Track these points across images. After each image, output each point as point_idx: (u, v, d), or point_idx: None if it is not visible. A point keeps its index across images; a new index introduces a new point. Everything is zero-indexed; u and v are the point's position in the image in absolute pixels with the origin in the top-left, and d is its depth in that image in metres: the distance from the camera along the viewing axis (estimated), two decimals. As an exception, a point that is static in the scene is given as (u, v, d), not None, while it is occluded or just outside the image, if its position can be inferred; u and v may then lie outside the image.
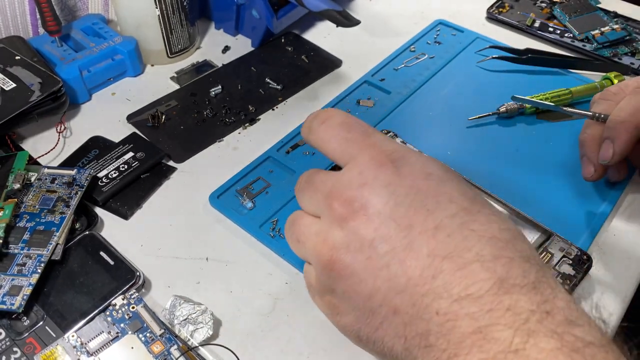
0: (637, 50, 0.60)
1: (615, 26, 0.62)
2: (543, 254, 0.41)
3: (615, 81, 0.53)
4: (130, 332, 0.37)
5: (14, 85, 0.50)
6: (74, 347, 0.36)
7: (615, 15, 0.64)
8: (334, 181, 0.30)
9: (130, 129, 0.53)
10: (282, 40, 0.63)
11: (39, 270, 0.39)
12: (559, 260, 0.41)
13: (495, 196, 0.44)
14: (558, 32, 0.63)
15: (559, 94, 0.53)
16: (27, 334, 0.37)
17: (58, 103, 0.51)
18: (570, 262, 0.40)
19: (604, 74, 0.55)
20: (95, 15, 0.61)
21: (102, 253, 0.41)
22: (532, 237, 0.42)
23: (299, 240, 0.31)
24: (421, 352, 0.26)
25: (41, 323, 0.38)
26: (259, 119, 0.54)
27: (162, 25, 0.57)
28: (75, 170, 0.45)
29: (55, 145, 0.51)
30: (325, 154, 0.32)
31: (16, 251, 0.40)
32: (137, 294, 0.38)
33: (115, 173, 0.47)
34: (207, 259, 0.43)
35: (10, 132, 0.50)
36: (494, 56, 0.59)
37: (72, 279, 0.40)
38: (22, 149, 0.50)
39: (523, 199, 0.45)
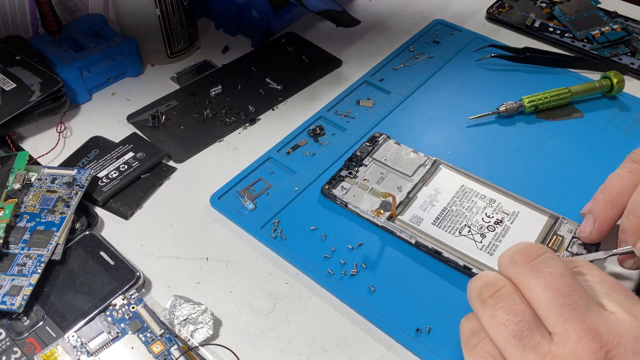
0: (637, 50, 0.60)
1: (615, 26, 0.62)
2: (554, 238, 0.41)
3: (615, 80, 0.54)
4: (130, 332, 0.37)
5: (14, 85, 0.50)
6: (74, 347, 0.36)
7: (616, 15, 0.64)
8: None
9: (130, 129, 0.53)
10: (282, 40, 0.63)
11: (39, 270, 0.39)
12: (570, 242, 0.41)
13: (501, 188, 0.45)
14: (558, 32, 0.63)
15: (558, 93, 0.53)
16: (27, 334, 0.37)
17: (58, 103, 0.51)
18: (581, 242, 0.41)
19: (603, 73, 0.55)
20: (95, 15, 0.61)
21: (102, 253, 0.41)
22: (542, 222, 0.43)
23: None
24: None
25: (41, 323, 0.38)
26: (259, 119, 0.54)
27: (162, 25, 0.57)
28: (76, 170, 0.45)
29: (56, 145, 0.51)
30: (532, 300, 0.29)
31: (16, 251, 0.40)
32: (137, 294, 0.38)
33: (115, 173, 0.47)
34: (207, 259, 0.43)
35: (10, 132, 0.50)
36: (492, 55, 0.59)
37: (72, 279, 0.40)
38: (22, 149, 0.50)
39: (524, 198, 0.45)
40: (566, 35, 0.62)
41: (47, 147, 0.51)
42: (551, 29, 0.63)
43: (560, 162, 0.49)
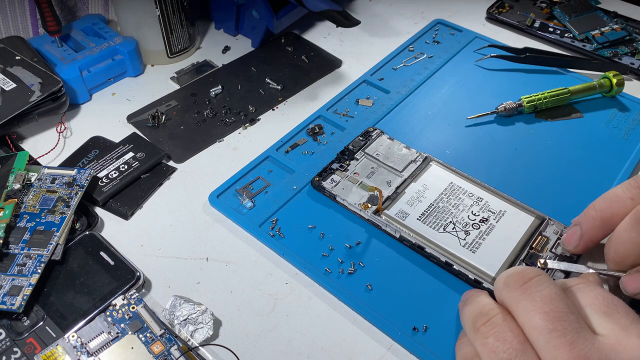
0: (637, 50, 0.60)
1: (615, 26, 0.62)
2: (539, 238, 0.41)
3: (614, 80, 0.54)
4: (130, 332, 0.37)
5: (14, 85, 0.50)
6: (74, 347, 0.36)
7: (615, 15, 0.64)
8: None
9: (130, 129, 0.53)
10: (282, 40, 0.63)
11: (39, 271, 0.39)
12: (554, 243, 0.41)
13: (490, 187, 0.45)
14: (558, 32, 0.63)
15: (558, 93, 0.53)
16: (27, 334, 0.37)
17: (58, 103, 0.51)
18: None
19: (603, 73, 0.55)
20: (95, 15, 0.61)
21: (102, 253, 0.41)
22: (528, 222, 0.43)
23: None
24: None
25: (41, 323, 0.38)
26: (259, 119, 0.54)
27: (162, 25, 0.57)
28: (76, 170, 0.45)
29: (56, 145, 0.51)
30: (524, 324, 0.29)
31: (16, 251, 0.40)
32: (137, 294, 0.39)
33: (115, 173, 0.47)
34: (207, 259, 0.43)
35: (10, 132, 0.50)
36: (492, 55, 0.59)
37: (72, 279, 0.40)
38: (22, 149, 0.50)
39: (522, 198, 0.45)
40: (566, 35, 0.62)
41: (47, 147, 0.51)
42: (551, 29, 0.63)
43: (559, 163, 0.49)
